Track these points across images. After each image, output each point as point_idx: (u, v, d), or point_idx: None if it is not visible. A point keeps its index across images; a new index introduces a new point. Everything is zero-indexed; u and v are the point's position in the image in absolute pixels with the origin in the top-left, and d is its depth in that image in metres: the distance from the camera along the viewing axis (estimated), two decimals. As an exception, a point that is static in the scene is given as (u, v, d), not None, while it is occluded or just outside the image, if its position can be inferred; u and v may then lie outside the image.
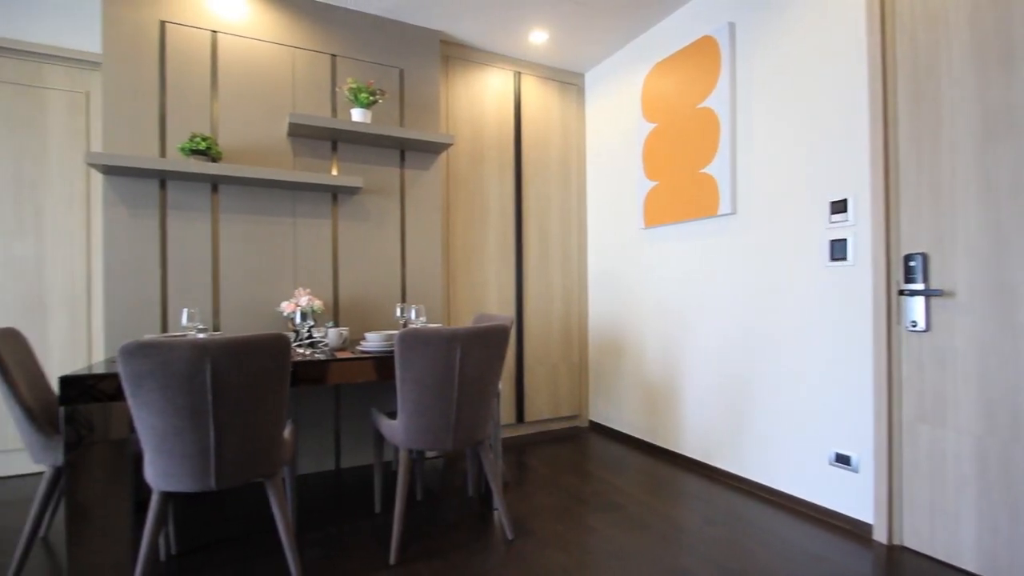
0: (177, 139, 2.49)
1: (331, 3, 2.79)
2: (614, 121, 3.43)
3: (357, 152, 2.87)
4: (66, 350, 2.82)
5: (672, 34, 2.96)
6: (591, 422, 3.69)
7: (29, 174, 2.74)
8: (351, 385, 2.85)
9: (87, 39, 2.80)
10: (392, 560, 1.85)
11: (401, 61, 2.99)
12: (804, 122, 2.25)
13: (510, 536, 2.03)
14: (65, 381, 1.61)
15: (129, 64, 2.41)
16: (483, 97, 3.36)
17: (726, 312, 2.62)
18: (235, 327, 2.59)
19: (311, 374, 1.92)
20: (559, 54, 3.42)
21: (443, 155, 3.22)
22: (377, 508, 2.30)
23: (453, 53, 3.26)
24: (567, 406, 3.64)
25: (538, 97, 3.55)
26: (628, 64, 3.31)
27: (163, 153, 2.46)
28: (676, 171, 2.87)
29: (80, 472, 1.65)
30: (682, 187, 2.83)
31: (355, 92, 2.63)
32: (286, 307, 2.36)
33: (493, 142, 3.40)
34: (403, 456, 1.91)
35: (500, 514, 2.08)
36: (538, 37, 3.18)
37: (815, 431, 2.21)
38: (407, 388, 1.82)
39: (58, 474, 1.78)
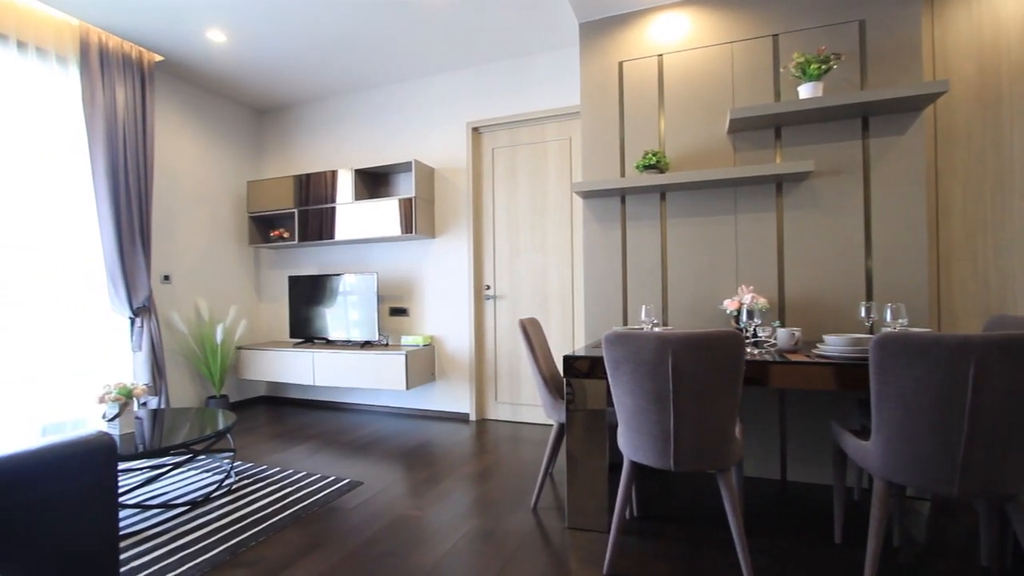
0: (633, 158, 2.88)
1: (771, -20, 2.61)
2: None
3: (804, 133, 2.57)
4: (559, 337, 3.72)
5: None
6: None
7: (538, 206, 3.77)
8: (799, 391, 2.58)
9: (570, 96, 3.61)
10: (866, 608, 1.55)
11: (861, 10, 2.49)
12: None
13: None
14: (566, 359, 2.12)
15: (599, 106, 2.96)
16: (997, 13, 2.41)
17: None
18: (681, 322, 2.78)
19: (757, 374, 1.84)
20: None
21: (927, 110, 2.49)
22: (837, 538, 1.98)
23: (940, -27, 2.48)
24: None
25: (1115, -20, 2.26)
26: None
27: (623, 173, 2.90)
28: None
29: (572, 429, 2.13)
30: None
31: (803, 66, 2.37)
32: (729, 304, 2.36)
33: (1017, 73, 2.38)
34: (880, 488, 1.56)
35: (1052, 612, 1.42)
36: None
37: None
38: (887, 406, 1.48)
39: (561, 429, 2.35)
